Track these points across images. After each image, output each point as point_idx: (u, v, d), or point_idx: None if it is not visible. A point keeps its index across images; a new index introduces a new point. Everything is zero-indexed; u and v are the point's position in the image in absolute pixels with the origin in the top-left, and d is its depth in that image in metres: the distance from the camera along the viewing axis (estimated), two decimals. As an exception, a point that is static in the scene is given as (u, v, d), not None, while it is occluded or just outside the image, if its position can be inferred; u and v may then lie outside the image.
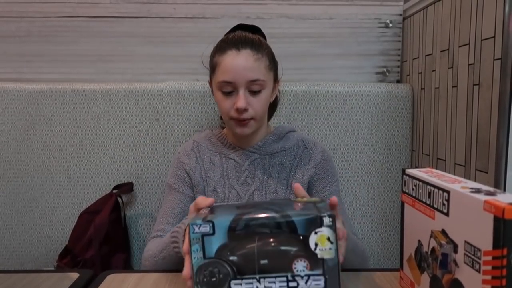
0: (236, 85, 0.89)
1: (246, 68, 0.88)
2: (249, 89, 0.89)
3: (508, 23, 0.80)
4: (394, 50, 1.35)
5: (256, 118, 0.92)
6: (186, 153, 1.01)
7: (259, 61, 0.89)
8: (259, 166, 0.98)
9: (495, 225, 0.44)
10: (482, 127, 0.89)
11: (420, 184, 0.61)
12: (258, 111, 0.91)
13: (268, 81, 0.92)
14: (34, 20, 1.31)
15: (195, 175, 0.98)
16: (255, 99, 0.90)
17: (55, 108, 1.24)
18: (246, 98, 0.89)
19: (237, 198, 0.96)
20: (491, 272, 0.45)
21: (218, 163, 0.99)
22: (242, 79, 0.88)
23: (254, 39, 0.92)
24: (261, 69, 0.90)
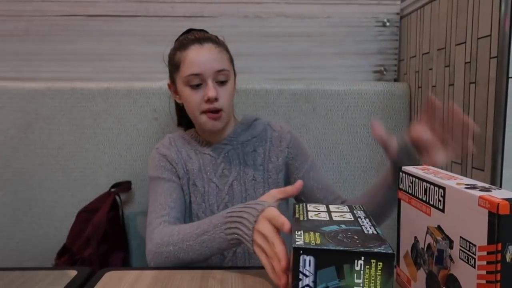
0: (203, 77, 0.91)
1: (212, 59, 0.91)
2: (216, 80, 0.92)
3: (504, 21, 0.80)
4: (391, 48, 1.35)
5: (225, 109, 0.93)
6: (165, 147, 1.00)
7: (222, 53, 0.94)
8: (233, 156, 0.99)
9: (489, 220, 0.45)
10: (478, 125, 0.89)
11: (416, 181, 0.62)
12: (225, 102, 0.93)
13: (232, 73, 0.96)
14: (32, 18, 1.31)
15: (179, 167, 0.97)
16: (222, 89, 0.93)
17: (53, 107, 1.24)
18: (216, 89, 0.91)
19: (216, 191, 0.97)
20: (485, 267, 0.45)
21: (195, 158, 0.99)
22: (209, 70, 0.91)
23: (213, 36, 0.97)
24: (224, 60, 0.94)
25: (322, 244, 0.47)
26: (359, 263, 0.45)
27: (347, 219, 0.57)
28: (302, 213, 0.60)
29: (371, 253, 0.45)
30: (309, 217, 0.58)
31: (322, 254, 0.46)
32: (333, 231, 0.52)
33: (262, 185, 0.98)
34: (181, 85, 0.94)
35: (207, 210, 0.96)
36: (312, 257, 0.46)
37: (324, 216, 0.59)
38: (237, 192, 0.97)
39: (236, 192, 0.97)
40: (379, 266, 0.45)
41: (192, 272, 0.75)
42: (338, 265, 0.45)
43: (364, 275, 0.45)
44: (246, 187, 0.97)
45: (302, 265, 0.46)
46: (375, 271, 0.45)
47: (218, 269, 0.77)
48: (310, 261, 0.46)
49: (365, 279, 0.45)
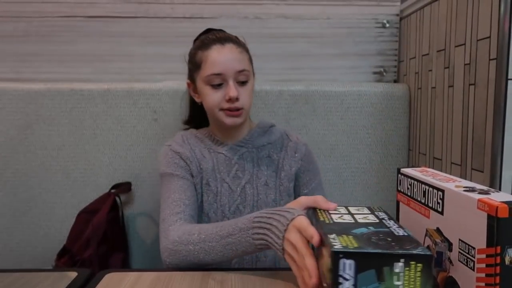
0: (225, 77, 0.92)
1: (233, 59, 0.93)
2: (237, 80, 0.93)
3: (503, 23, 0.80)
4: (391, 50, 1.35)
5: (245, 108, 0.95)
6: (178, 144, 0.99)
7: (243, 54, 0.95)
8: (248, 159, 0.99)
9: (488, 223, 0.45)
10: (478, 127, 0.90)
11: (415, 183, 0.62)
12: (246, 101, 0.94)
13: (251, 73, 0.97)
14: (32, 19, 1.31)
15: (193, 165, 0.96)
16: (242, 89, 0.94)
17: (53, 108, 1.24)
18: (237, 89, 0.92)
19: (229, 192, 0.97)
20: (484, 270, 0.46)
21: (209, 157, 0.99)
22: (230, 70, 0.92)
23: (233, 36, 0.98)
24: (246, 61, 0.95)
25: (361, 247, 0.47)
26: (398, 265, 0.46)
27: (372, 221, 0.58)
28: (325, 216, 0.60)
29: (410, 255, 0.46)
30: (334, 220, 0.58)
31: (363, 258, 0.46)
32: (364, 234, 0.52)
33: (273, 191, 0.99)
34: (201, 84, 0.95)
35: (218, 211, 0.96)
36: (352, 260, 0.46)
37: (348, 218, 0.59)
38: (249, 195, 0.97)
39: (248, 195, 0.97)
40: (418, 268, 0.45)
41: (192, 274, 0.76)
42: (378, 268, 0.46)
43: (403, 277, 0.46)
44: (258, 191, 0.98)
45: (341, 268, 0.46)
46: (415, 272, 0.46)
47: (217, 271, 0.77)
48: (350, 264, 0.46)
49: (404, 281, 0.46)
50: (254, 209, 0.97)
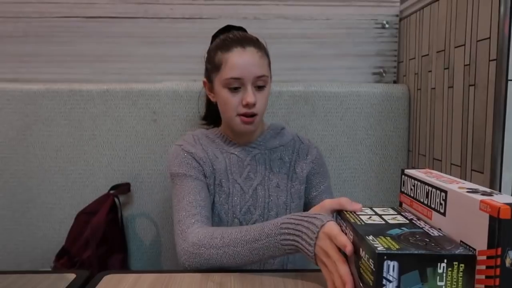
0: (243, 81, 0.91)
1: (253, 64, 0.92)
2: (254, 85, 0.92)
3: (503, 24, 0.80)
4: (391, 50, 1.35)
5: (260, 114, 0.94)
6: (190, 144, 0.98)
7: (263, 58, 0.94)
8: (260, 161, 0.99)
9: (490, 224, 0.45)
10: (477, 128, 0.89)
11: (419, 184, 0.62)
12: (262, 107, 0.94)
13: (269, 78, 0.96)
14: (31, 20, 1.30)
15: (206, 166, 0.95)
16: (260, 95, 0.93)
17: (52, 109, 1.24)
18: (255, 94, 0.92)
19: (240, 193, 0.96)
20: (485, 271, 0.45)
21: (222, 158, 0.98)
22: (249, 75, 0.91)
23: (254, 38, 0.97)
24: (265, 66, 0.94)
25: (403, 249, 0.47)
26: (441, 266, 0.46)
27: (402, 222, 0.58)
28: (354, 217, 0.60)
29: (453, 255, 0.46)
30: (364, 221, 0.58)
31: (406, 259, 0.46)
32: (400, 235, 0.52)
33: (285, 193, 0.98)
34: (219, 85, 0.94)
35: (230, 212, 0.95)
36: (396, 262, 0.46)
37: (378, 219, 0.59)
38: (260, 196, 0.97)
39: (260, 197, 0.97)
40: (461, 268, 0.46)
41: (191, 275, 0.75)
42: (421, 268, 0.46)
43: (446, 278, 0.46)
44: (269, 192, 0.97)
45: (385, 270, 0.46)
46: (457, 273, 0.46)
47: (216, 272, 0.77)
48: (394, 266, 0.46)
49: (447, 281, 0.46)
50: (265, 211, 0.97)
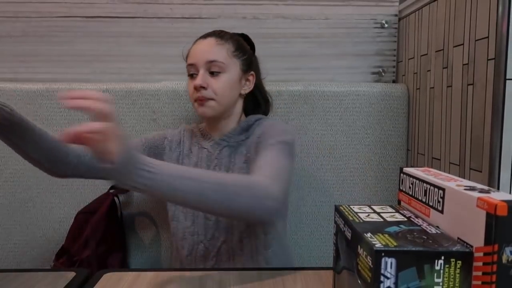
0: (197, 67, 0.96)
1: (207, 50, 0.96)
2: (208, 70, 0.95)
3: (501, 23, 0.81)
4: (390, 50, 1.36)
5: (216, 99, 0.95)
6: (173, 133, 1.07)
7: (221, 46, 0.96)
8: (225, 154, 1.00)
9: (487, 221, 0.45)
10: (476, 127, 0.90)
11: (417, 182, 0.62)
12: (217, 91, 0.95)
13: (230, 66, 0.97)
14: (30, 20, 1.30)
15: (172, 155, 1.03)
16: (214, 80, 0.95)
17: (51, 108, 1.24)
18: (205, 78, 0.94)
19: None
20: (481, 268, 0.46)
21: (195, 153, 1.02)
22: (201, 60, 0.95)
23: (221, 32, 1.01)
24: (221, 52, 0.96)
25: (401, 246, 0.48)
26: (439, 263, 0.46)
27: (400, 219, 0.59)
28: (353, 215, 0.60)
29: (451, 252, 0.47)
30: (363, 219, 0.58)
31: (404, 256, 0.47)
32: (398, 232, 0.53)
33: None
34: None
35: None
36: (393, 259, 0.47)
37: (376, 217, 0.60)
38: None
39: None
40: (458, 265, 0.46)
41: (191, 273, 0.76)
42: (419, 265, 0.47)
43: (443, 274, 0.46)
44: None
45: (383, 267, 0.47)
46: (454, 270, 0.46)
47: (216, 270, 0.77)
48: (392, 263, 0.47)
49: (444, 278, 0.47)
50: None
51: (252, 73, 1.02)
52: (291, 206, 1.27)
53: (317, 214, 1.28)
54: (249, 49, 1.05)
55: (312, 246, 1.29)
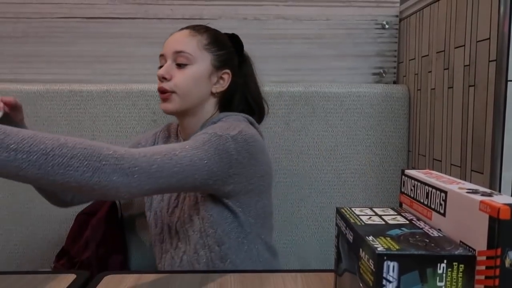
0: (166, 57, 0.91)
1: (176, 40, 0.92)
2: (176, 62, 0.90)
3: (503, 24, 0.80)
4: (391, 51, 1.35)
5: (179, 92, 0.88)
6: (149, 135, 1.04)
7: (193, 37, 0.91)
8: None
9: (490, 225, 0.45)
10: (477, 128, 0.89)
11: (419, 184, 0.62)
12: (179, 85, 0.88)
13: (199, 59, 0.90)
14: (30, 21, 1.30)
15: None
16: (179, 72, 0.89)
17: (52, 109, 1.24)
18: (170, 69, 0.89)
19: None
20: (484, 272, 0.45)
21: None
22: (169, 50, 0.91)
23: (200, 25, 0.96)
24: (191, 44, 0.90)
25: (403, 249, 0.47)
26: (441, 267, 0.46)
27: (402, 222, 0.58)
28: (355, 218, 0.60)
29: (453, 256, 0.46)
30: (365, 222, 0.58)
31: (406, 259, 0.46)
32: (400, 235, 0.52)
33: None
34: None
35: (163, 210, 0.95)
36: (396, 262, 0.46)
37: (378, 220, 0.59)
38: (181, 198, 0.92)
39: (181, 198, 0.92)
40: (460, 269, 0.46)
41: (191, 276, 0.75)
42: (421, 269, 0.46)
43: (446, 278, 0.46)
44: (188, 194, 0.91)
45: (385, 271, 0.46)
46: (457, 273, 0.46)
47: (217, 272, 0.77)
48: (394, 266, 0.46)
49: (447, 282, 0.46)
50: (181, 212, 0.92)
51: (227, 71, 0.94)
52: (291, 207, 1.27)
53: (317, 215, 1.28)
54: (231, 46, 0.97)
55: (312, 248, 1.28)
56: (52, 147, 0.60)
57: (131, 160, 0.65)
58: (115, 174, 0.63)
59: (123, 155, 0.65)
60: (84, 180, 0.62)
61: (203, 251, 0.89)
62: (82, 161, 0.61)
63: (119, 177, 0.63)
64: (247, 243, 0.91)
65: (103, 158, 0.63)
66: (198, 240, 0.89)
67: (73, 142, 0.63)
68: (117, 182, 0.64)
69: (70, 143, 0.62)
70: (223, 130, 0.82)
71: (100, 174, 0.62)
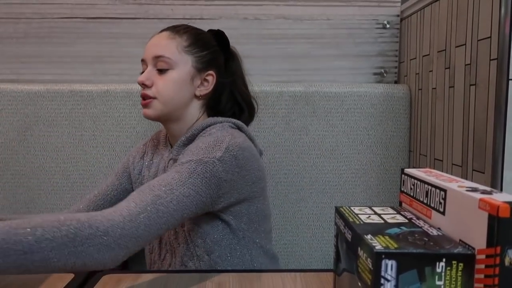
0: (146, 63, 0.89)
1: (155, 44, 0.88)
2: (156, 67, 0.87)
3: (504, 23, 0.80)
4: (392, 51, 1.35)
5: (159, 98, 0.86)
6: (138, 147, 1.02)
7: (172, 40, 0.88)
8: (167, 169, 0.89)
9: (489, 223, 0.44)
10: (478, 128, 0.89)
11: (418, 183, 0.61)
12: (161, 91, 0.86)
13: (180, 63, 0.87)
14: (31, 21, 1.31)
15: (135, 171, 0.98)
16: (160, 78, 0.87)
17: (52, 109, 1.24)
18: (150, 75, 0.87)
19: None
20: (484, 270, 0.45)
21: (156, 163, 0.94)
22: (149, 55, 0.88)
23: (179, 25, 0.92)
24: (170, 48, 0.87)
25: (402, 248, 0.47)
26: (440, 265, 0.46)
27: (402, 221, 0.58)
28: (354, 217, 0.60)
29: (452, 254, 0.46)
30: (363, 220, 0.58)
31: (405, 258, 0.46)
32: (399, 234, 0.52)
33: None
34: None
35: None
36: (394, 261, 0.46)
37: (377, 219, 0.59)
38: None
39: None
40: (459, 267, 0.45)
41: (190, 275, 0.75)
42: (419, 268, 0.46)
43: (445, 277, 0.46)
44: None
45: (383, 269, 0.46)
46: (456, 272, 0.46)
47: (215, 272, 0.76)
48: (392, 265, 0.46)
49: (446, 280, 0.46)
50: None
51: (211, 72, 0.90)
52: (292, 207, 1.27)
53: (318, 215, 1.27)
54: (214, 45, 0.93)
55: (313, 248, 1.28)
56: (29, 246, 0.57)
57: (116, 231, 0.62)
58: (101, 252, 0.61)
59: (107, 229, 0.61)
60: (69, 265, 0.59)
61: (192, 262, 0.87)
62: (63, 251, 0.58)
63: (105, 253, 0.61)
64: (240, 249, 0.88)
65: (85, 240, 0.60)
66: (185, 252, 0.87)
67: (52, 231, 0.58)
68: (103, 259, 0.61)
69: (48, 233, 0.58)
70: (209, 152, 0.78)
71: (84, 256, 0.60)
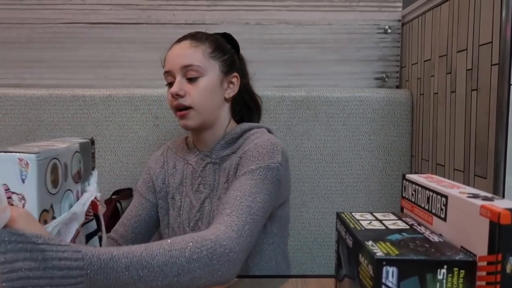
0: (173, 73, 0.89)
1: (181, 54, 0.89)
2: (186, 77, 0.88)
3: (505, 28, 0.80)
4: (393, 55, 1.35)
5: (195, 107, 0.87)
6: (156, 158, 1.01)
7: (196, 48, 0.89)
8: (210, 171, 0.92)
9: (490, 230, 0.44)
10: (480, 132, 0.89)
11: (419, 189, 0.61)
12: (195, 99, 0.87)
13: (209, 69, 0.89)
14: (34, 26, 1.31)
15: (158, 181, 0.97)
16: (192, 86, 0.88)
17: (55, 114, 1.25)
18: (182, 85, 0.87)
19: (190, 207, 0.93)
20: (485, 278, 0.45)
21: (180, 169, 0.96)
22: (176, 66, 0.88)
23: (197, 33, 0.94)
24: (197, 55, 0.89)
25: (403, 255, 0.47)
26: (441, 272, 0.45)
27: (403, 227, 0.58)
28: (355, 223, 0.60)
29: (453, 261, 0.46)
30: (365, 227, 0.58)
31: (406, 265, 0.46)
32: (400, 240, 0.52)
33: None
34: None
35: (181, 226, 0.94)
36: (395, 268, 0.46)
37: (378, 225, 0.59)
38: (206, 211, 0.92)
39: (206, 211, 0.92)
40: (461, 274, 0.45)
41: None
42: (421, 275, 0.46)
43: (446, 284, 0.46)
44: (214, 206, 0.91)
45: (384, 276, 0.46)
46: (457, 279, 0.45)
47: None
48: (393, 272, 0.46)
49: (447, 287, 0.46)
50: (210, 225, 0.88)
51: (235, 74, 0.94)
52: (293, 212, 1.26)
53: (320, 220, 1.27)
54: (230, 48, 0.96)
55: (314, 253, 1.28)
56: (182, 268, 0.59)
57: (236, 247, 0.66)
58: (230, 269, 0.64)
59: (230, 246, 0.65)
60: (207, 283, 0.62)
61: None
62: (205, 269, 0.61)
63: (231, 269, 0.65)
64: (268, 254, 0.91)
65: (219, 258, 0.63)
66: None
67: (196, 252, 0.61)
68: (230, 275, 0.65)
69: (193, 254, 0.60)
70: (272, 157, 0.82)
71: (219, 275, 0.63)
